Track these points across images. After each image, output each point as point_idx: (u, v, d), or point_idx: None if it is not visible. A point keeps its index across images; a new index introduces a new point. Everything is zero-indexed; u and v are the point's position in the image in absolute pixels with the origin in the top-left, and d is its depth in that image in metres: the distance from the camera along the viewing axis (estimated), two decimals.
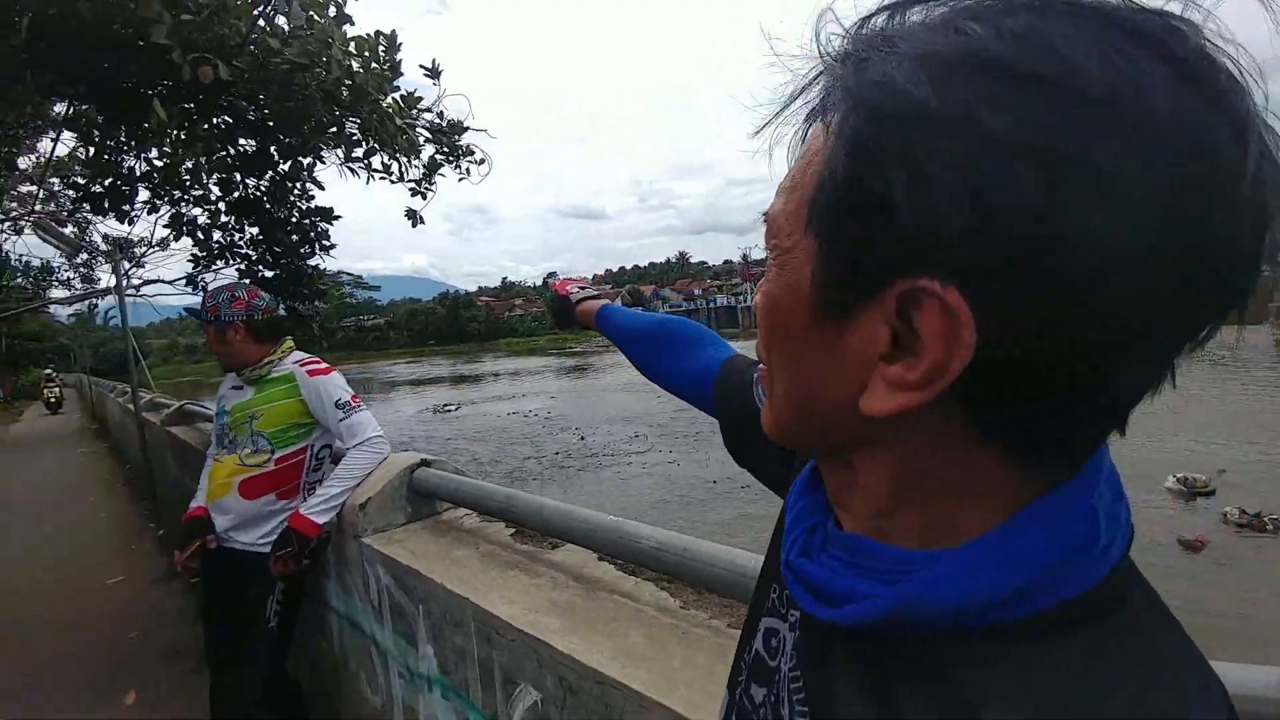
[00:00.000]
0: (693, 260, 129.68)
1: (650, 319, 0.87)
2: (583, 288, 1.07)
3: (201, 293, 3.70)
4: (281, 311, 4.12)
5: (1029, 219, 0.23)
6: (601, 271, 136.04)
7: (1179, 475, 8.02)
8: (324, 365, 2.01)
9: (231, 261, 4.12)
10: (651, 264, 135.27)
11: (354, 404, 1.94)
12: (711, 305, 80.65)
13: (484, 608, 1.27)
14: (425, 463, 1.89)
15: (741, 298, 78.63)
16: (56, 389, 19.36)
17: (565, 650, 1.08)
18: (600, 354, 40.40)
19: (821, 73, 0.31)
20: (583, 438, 13.94)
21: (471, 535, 1.70)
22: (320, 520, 1.83)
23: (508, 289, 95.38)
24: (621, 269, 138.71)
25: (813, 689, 0.37)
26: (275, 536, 1.89)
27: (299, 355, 2.04)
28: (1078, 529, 0.30)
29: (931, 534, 0.32)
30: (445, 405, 22.38)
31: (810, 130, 0.32)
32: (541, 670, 1.13)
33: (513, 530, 1.68)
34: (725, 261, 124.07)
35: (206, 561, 1.97)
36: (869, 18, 0.29)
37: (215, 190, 4.06)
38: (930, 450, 0.30)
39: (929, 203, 0.25)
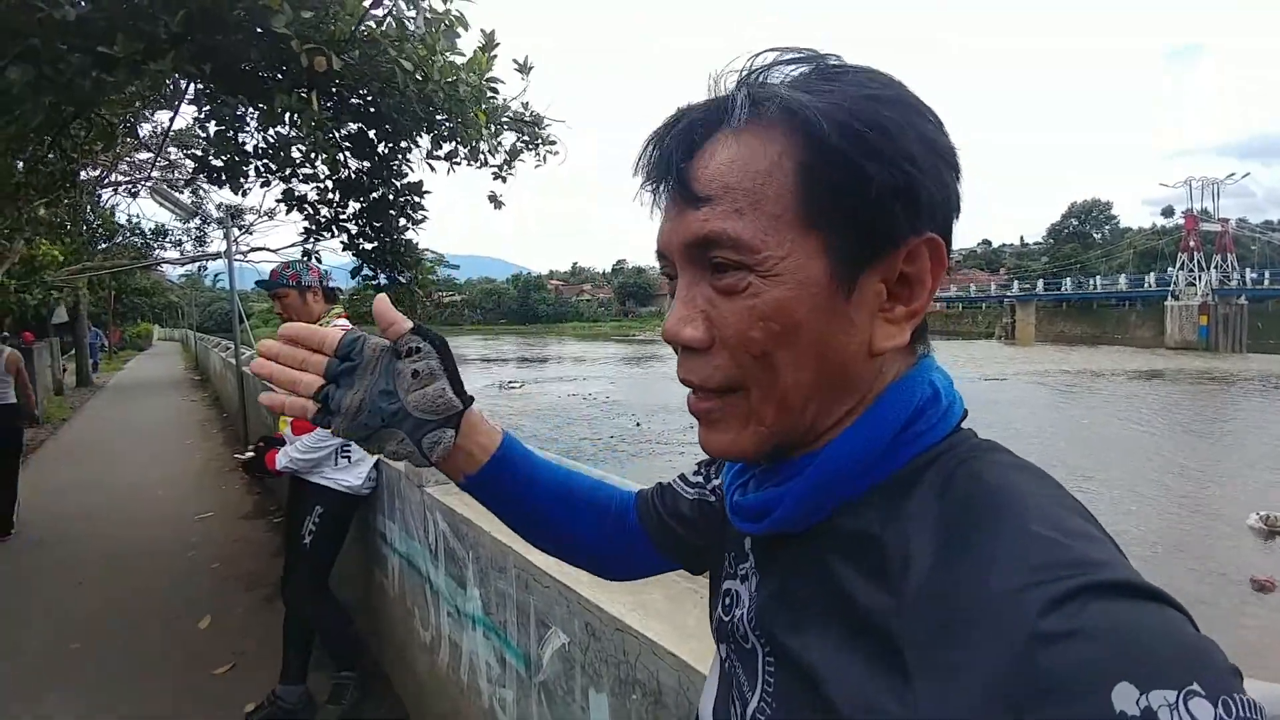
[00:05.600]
0: None
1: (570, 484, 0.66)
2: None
3: (316, 261, 4.19)
4: (384, 281, 4.51)
5: (947, 181, 0.39)
6: None
7: (1261, 513, 7.88)
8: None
9: (336, 234, 4.50)
10: None
11: None
12: None
13: (525, 556, 1.40)
14: None
15: None
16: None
17: (592, 599, 1.19)
18: (662, 343, 40.40)
19: (761, 84, 0.39)
20: (638, 424, 14.15)
21: None
22: (279, 465, 2.24)
23: (577, 274, 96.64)
24: None
25: (771, 606, 0.43)
26: (324, 467, 2.26)
27: (339, 322, 2.30)
28: (924, 392, 0.41)
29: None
30: (510, 382, 23.20)
31: (727, 142, 0.38)
32: (570, 615, 1.25)
33: None
34: None
35: (288, 487, 2.37)
36: (765, 66, 0.40)
37: (323, 170, 4.42)
38: (884, 359, 0.41)
39: (921, 182, 0.37)
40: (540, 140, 4.73)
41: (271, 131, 4.14)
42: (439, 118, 4.11)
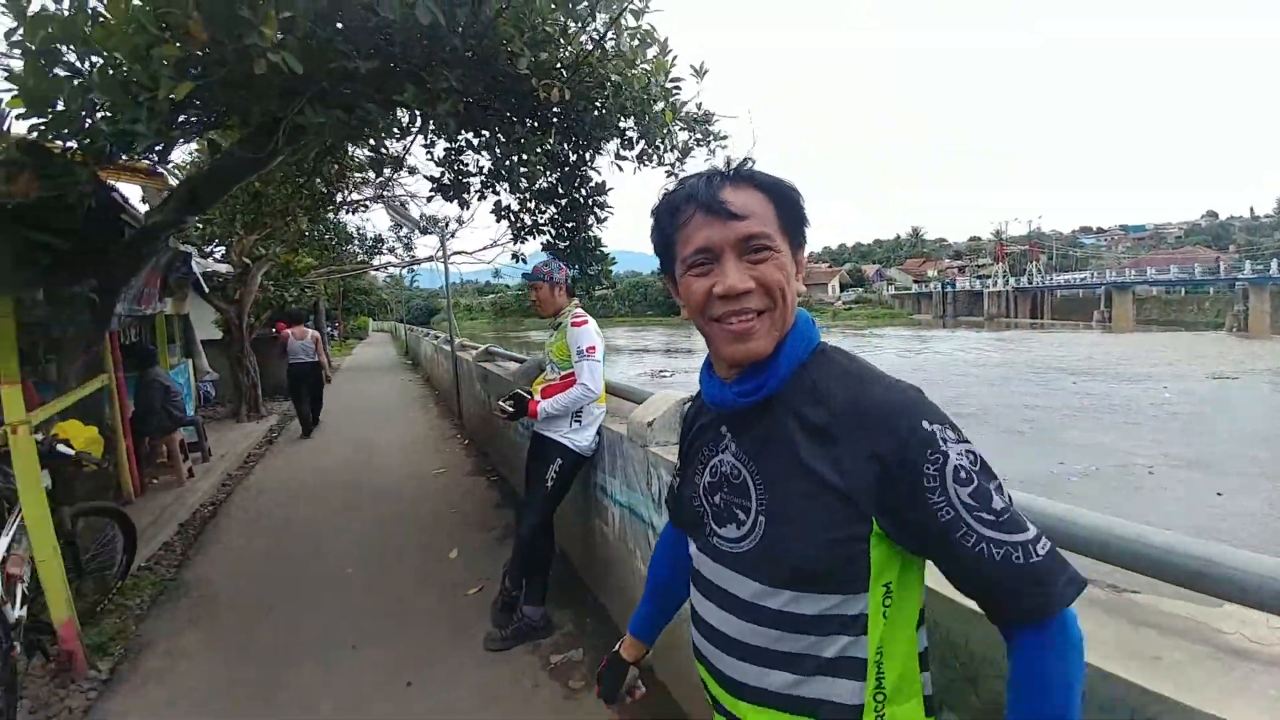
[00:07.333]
0: (928, 236, 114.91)
1: (653, 583, 1.19)
2: None
3: (521, 262, 5.04)
4: (574, 274, 5.18)
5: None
6: (819, 249, 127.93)
7: None
8: (583, 319, 2.79)
9: (536, 237, 5.20)
10: (878, 241, 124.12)
11: (587, 354, 2.71)
12: (948, 289, 66.94)
13: None
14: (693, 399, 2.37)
15: (991, 281, 64.95)
16: None
17: None
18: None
19: (738, 171, 0.80)
20: None
21: None
22: (539, 415, 2.74)
23: None
24: (841, 246, 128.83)
25: (753, 450, 0.81)
26: (562, 427, 2.77)
27: (576, 311, 2.84)
28: (808, 318, 0.84)
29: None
30: (661, 372, 24.06)
31: (734, 191, 0.77)
32: None
33: None
34: (971, 238, 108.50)
35: (531, 444, 2.90)
36: (741, 163, 0.82)
37: (523, 182, 5.11)
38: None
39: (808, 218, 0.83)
40: (713, 136, 5.00)
41: (490, 153, 4.86)
42: (624, 124, 4.55)
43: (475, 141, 4.83)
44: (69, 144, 2.79)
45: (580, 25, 3.45)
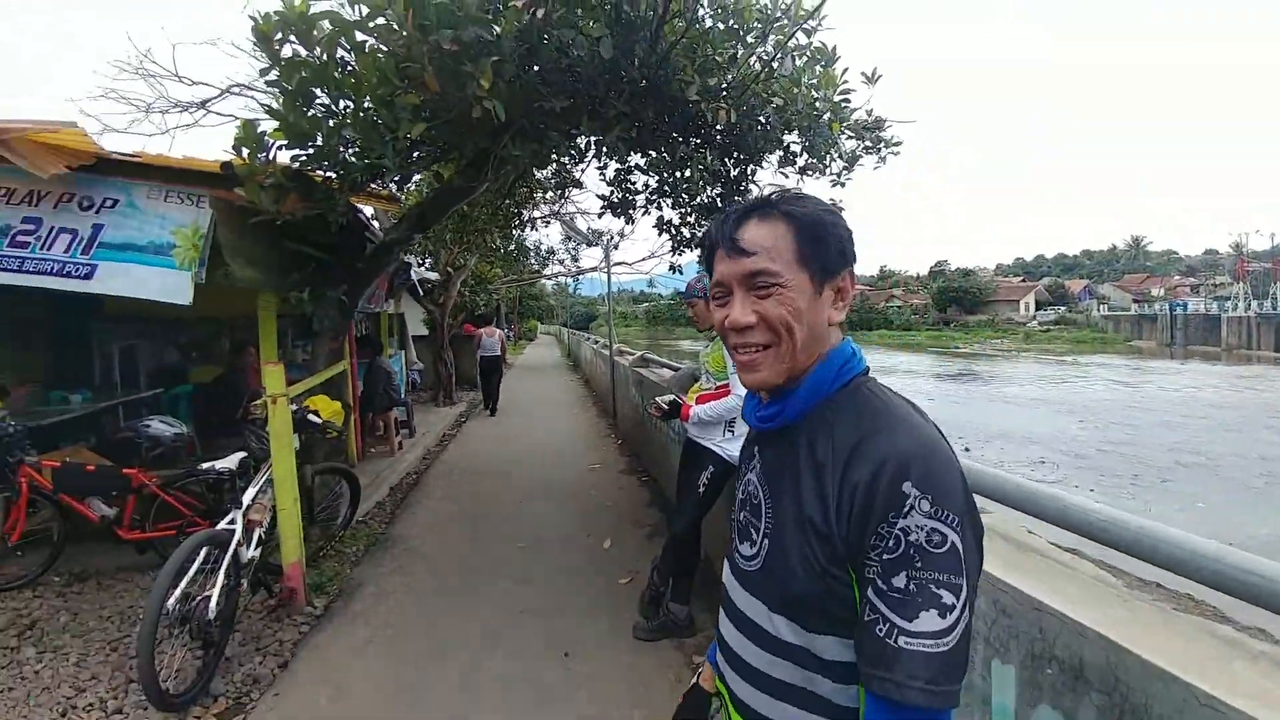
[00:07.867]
0: (1152, 249, 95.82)
1: None
2: None
3: (678, 273, 5.26)
4: None
5: (850, 246, 0.83)
6: (1009, 260, 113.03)
7: None
8: None
9: (693, 249, 5.39)
10: (1086, 251, 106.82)
11: None
12: (1178, 310, 52.21)
13: None
14: None
15: (1230, 304, 48.74)
16: None
17: (1005, 579, 1.33)
18: (993, 359, 34.36)
19: (770, 201, 0.82)
20: (967, 449, 12.57)
21: None
22: (691, 419, 2.87)
23: (885, 278, 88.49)
24: (1039, 257, 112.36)
25: (770, 473, 0.83)
26: (715, 435, 2.87)
27: None
28: (849, 349, 0.83)
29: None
30: None
31: (755, 225, 0.80)
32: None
33: None
34: (1206, 251, 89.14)
35: (684, 450, 3.04)
36: (783, 192, 0.84)
37: (685, 197, 5.31)
38: (832, 330, 0.83)
39: (850, 249, 0.83)
40: (883, 143, 4.76)
41: (656, 174, 5.12)
42: (787, 137, 4.51)
43: (643, 163, 5.14)
44: (328, 173, 3.30)
45: (749, 51, 3.53)
